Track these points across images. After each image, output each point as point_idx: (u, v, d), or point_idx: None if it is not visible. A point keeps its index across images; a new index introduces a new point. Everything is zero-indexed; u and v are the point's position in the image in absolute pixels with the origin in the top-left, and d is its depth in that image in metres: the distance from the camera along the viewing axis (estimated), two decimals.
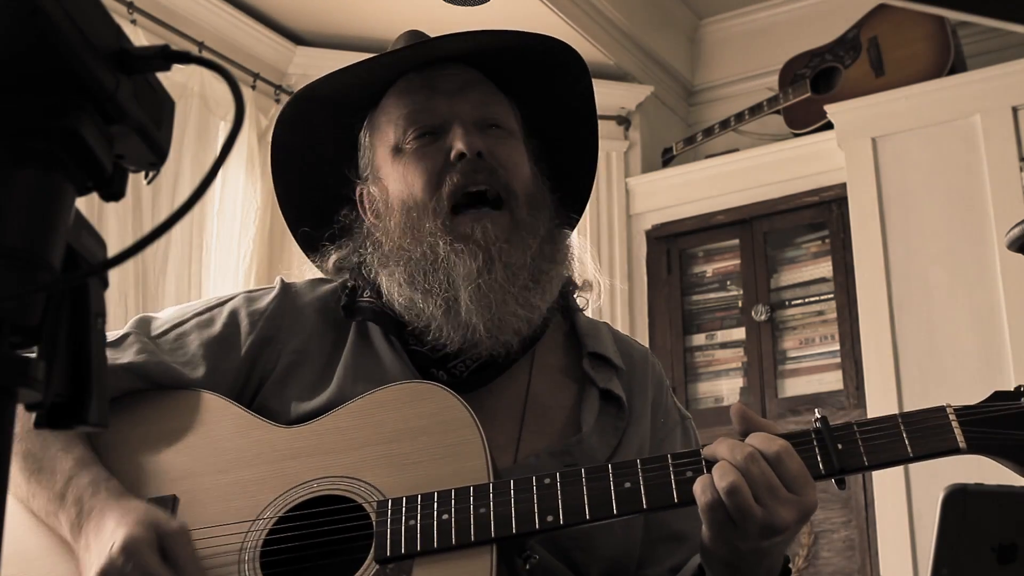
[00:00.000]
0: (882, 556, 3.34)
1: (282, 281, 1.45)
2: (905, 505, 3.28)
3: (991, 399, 1.21)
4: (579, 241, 1.50)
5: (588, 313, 1.51)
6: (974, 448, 1.18)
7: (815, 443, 1.18)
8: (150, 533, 1.15)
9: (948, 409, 1.19)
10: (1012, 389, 1.21)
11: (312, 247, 1.47)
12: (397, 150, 1.39)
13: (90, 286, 0.62)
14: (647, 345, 4.01)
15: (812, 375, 3.77)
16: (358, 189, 1.45)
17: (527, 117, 1.47)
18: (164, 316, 1.43)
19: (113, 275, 0.67)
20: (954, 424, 1.18)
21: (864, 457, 1.17)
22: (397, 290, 1.35)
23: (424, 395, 1.26)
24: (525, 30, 1.42)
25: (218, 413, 1.31)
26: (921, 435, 1.18)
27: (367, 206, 1.44)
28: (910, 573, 3.24)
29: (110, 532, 1.15)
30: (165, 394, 1.34)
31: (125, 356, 1.34)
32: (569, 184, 1.49)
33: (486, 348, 1.33)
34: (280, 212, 1.53)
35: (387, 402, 1.27)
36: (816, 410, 1.23)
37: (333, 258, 1.43)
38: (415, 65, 1.42)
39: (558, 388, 1.40)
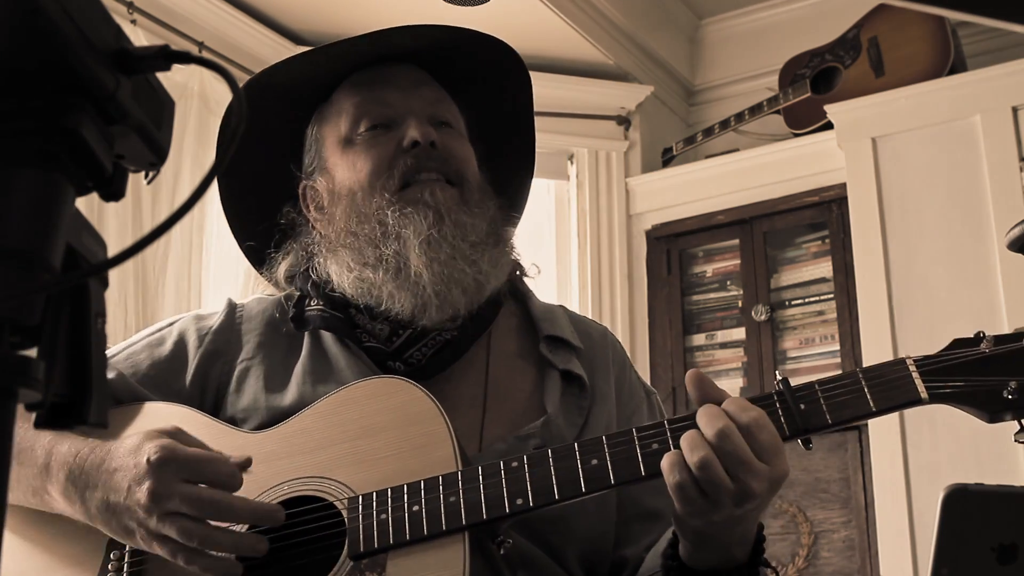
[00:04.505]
0: (882, 556, 3.34)
1: (229, 300, 1.47)
2: (905, 505, 3.28)
3: (951, 347, 1.21)
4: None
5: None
6: (936, 398, 1.18)
7: (778, 405, 1.18)
8: (167, 438, 1.16)
9: (908, 361, 1.19)
10: (972, 336, 1.21)
11: (260, 261, 1.48)
12: (347, 141, 1.41)
13: (90, 286, 0.62)
14: (647, 345, 4.03)
15: (812, 375, 3.75)
16: (302, 184, 1.46)
17: (474, 123, 1.49)
18: (116, 346, 1.45)
19: (113, 275, 0.67)
20: (915, 375, 1.18)
21: (827, 415, 1.17)
22: (346, 272, 1.36)
23: (388, 390, 1.27)
24: (475, 29, 1.44)
25: (185, 423, 1.31)
26: (882, 388, 1.18)
27: (310, 201, 1.44)
28: (910, 573, 3.24)
29: (132, 460, 1.15)
30: (131, 408, 1.35)
31: None
32: (509, 192, 1.51)
33: (436, 309, 1.33)
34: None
35: (352, 400, 1.27)
36: (776, 371, 1.22)
37: (283, 267, 1.44)
38: (367, 61, 1.44)
39: (517, 373, 1.41)
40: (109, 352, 1.41)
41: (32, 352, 0.58)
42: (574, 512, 1.26)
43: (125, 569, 1.24)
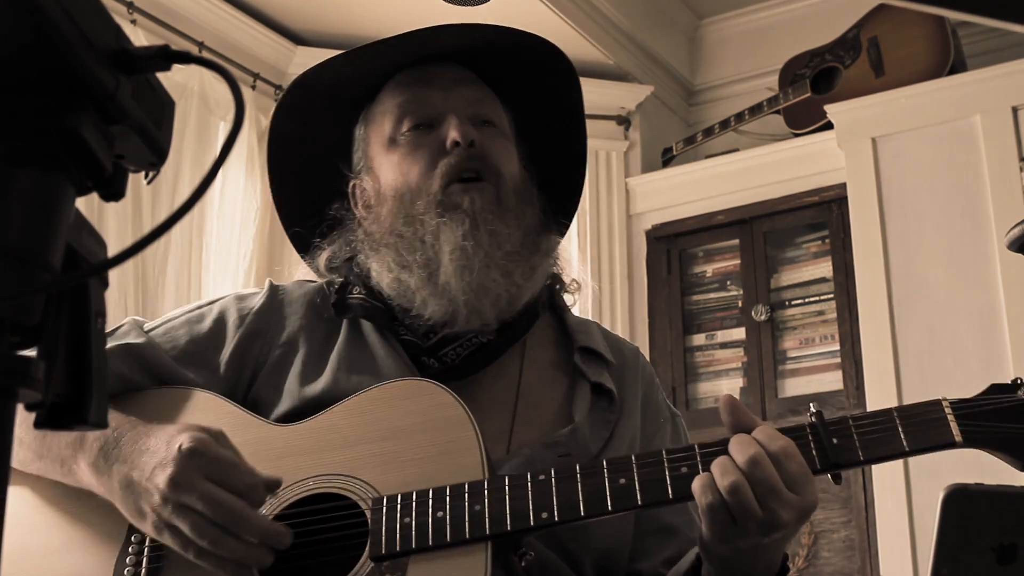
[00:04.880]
0: (882, 556, 3.34)
1: (270, 282, 1.48)
2: (905, 505, 3.28)
3: (988, 392, 1.21)
4: (567, 248, 1.52)
5: (587, 313, 1.52)
6: (970, 442, 1.17)
7: (810, 437, 1.18)
8: (205, 434, 1.16)
9: (944, 403, 1.19)
10: (1009, 382, 1.21)
11: (305, 247, 1.49)
12: (392, 141, 1.42)
13: (90, 286, 0.62)
14: (647, 345, 4.03)
15: (812, 375, 3.77)
16: (351, 183, 1.47)
17: (518, 121, 1.49)
18: (157, 319, 1.46)
19: (113, 275, 0.67)
20: (950, 418, 1.18)
21: (859, 452, 1.17)
22: (386, 272, 1.37)
23: (419, 392, 1.26)
24: (524, 29, 1.44)
25: (213, 411, 1.31)
26: (917, 429, 1.18)
27: (358, 199, 1.46)
28: (910, 573, 3.24)
29: (165, 444, 1.16)
30: (160, 393, 1.35)
31: (122, 339, 1.36)
32: (556, 192, 1.51)
33: (464, 319, 1.34)
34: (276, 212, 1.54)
35: (382, 399, 1.27)
36: (811, 404, 1.22)
37: (324, 255, 1.45)
38: (411, 61, 1.44)
39: (549, 381, 1.42)
40: (149, 325, 1.42)
41: (32, 352, 0.58)
42: (593, 523, 1.25)
43: (145, 553, 1.24)
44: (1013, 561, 0.96)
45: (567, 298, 1.51)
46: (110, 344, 1.35)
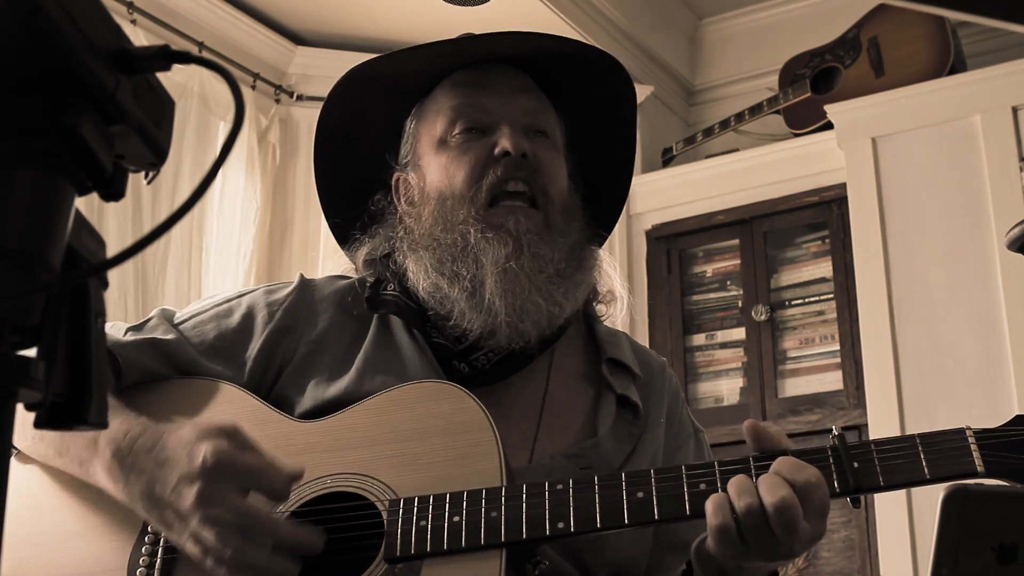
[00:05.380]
0: (882, 556, 3.34)
1: (301, 276, 1.46)
2: (905, 505, 3.28)
3: (1013, 423, 1.19)
4: (608, 258, 1.52)
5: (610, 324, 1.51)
6: (992, 472, 1.17)
7: (831, 460, 1.17)
8: (223, 438, 1.15)
9: (968, 431, 1.18)
10: None
11: (344, 239, 1.48)
12: (442, 142, 1.40)
13: (90, 286, 0.62)
14: (647, 345, 4.03)
15: (812, 375, 3.77)
16: (395, 175, 1.46)
17: (570, 129, 1.48)
18: (185, 309, 1.45)
19: (113, 275, 0.67)
20: (973, 447, 1.17)
21: (880, 477, 1.16)
22: (423, 275, 1.36)
23: (441, 395, 1.26)
24: (586, 42, 1.45)
25: (235, 404, 1.31)
26: (939, 457, 1.17)
27: (402, 193, 1.44)
28: (910, 573, 3.24)
29: (186, 458, 1.14)
30: (183, 383, 1.35)
31: (150, 334, 1.36)
32: (600, 202, 1.50)
33: (504, 337, 1.33)
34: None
35: (403, 400, 1.27)
36: (834, 427, 1.21)
37: (364, 250, 1.44)
38: (470, 61, 1.43)
39: (576, 391, 1.41)
40: (178, 317, 1.41)
41: (32, 352, 0.58)
42: (611, 535, 1.25)
43: (160, 543, 1.24)
44: (1013, 561, 0.96)
45: (599, 308, 1.50)
46: (138, 337, 1.34)
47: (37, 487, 1.31)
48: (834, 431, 1.20)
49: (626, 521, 1.16)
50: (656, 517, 1.16)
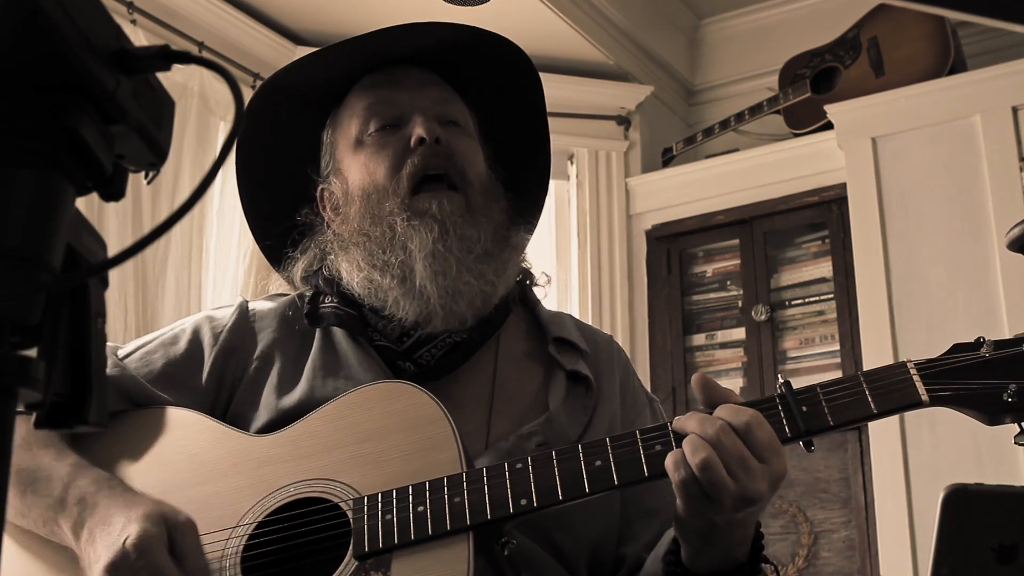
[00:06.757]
0: (882, 556, 3.34)
1: (242, 298, 1.49)
2: (905, 505, 3.28)
3: (951, 351, 1.22)
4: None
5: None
6: (936, 400, 1.19)
7: (780, 407, 1.19)
8: (160, 528, 1.14)
9: (909, 364, 1.21)
10: (972, 340, 1.22)
11: (277, 260, 1.50)
12: (359, 142, 1.44)
13: (90, 286, 0.62)
14: (647, 345, 4.03)
15: (812, 375, 3.77)
16: (319, 188, 1.49)
17: (486, 124, 1.51)
18: (129, 344, 1.46)
19: (113, 275, 0.67)
20: (916, 378, 1.19)
21: (829, 417, 1.18)
22: (356, 271, 1.39)
23: (395, 394, 1.27)
24: (483, 28, 1.46)
25: (194, 427, 1.32)
26: (884, 391, 1.19)
27: (327, 203, 1.47)
28: (910, 573, 3.24)
29: (120, 527, 1.15)
30: (140, 413, 1.35)
31: None
32: (525, 193, 1.53)
33: (440, 320, 1.36)
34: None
35: (358, 403, 1.28)
36: (779, 374, 1.23)
37: (300, 266, 1.46)
38: (377, 64, 1.47)
39: (524, 373, 1.43)
40: (123, 351, 1.42)
41: (32, 352, 0.58)
42: (577, 511, 1.27)
43: None
44: (1013, 561, 0.96)
45: (538, 291, 1.53)
46: None
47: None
48: (779, 378, 1.23)
49: (587, 490, 1.17)
50: (616, 483, 1.17)
